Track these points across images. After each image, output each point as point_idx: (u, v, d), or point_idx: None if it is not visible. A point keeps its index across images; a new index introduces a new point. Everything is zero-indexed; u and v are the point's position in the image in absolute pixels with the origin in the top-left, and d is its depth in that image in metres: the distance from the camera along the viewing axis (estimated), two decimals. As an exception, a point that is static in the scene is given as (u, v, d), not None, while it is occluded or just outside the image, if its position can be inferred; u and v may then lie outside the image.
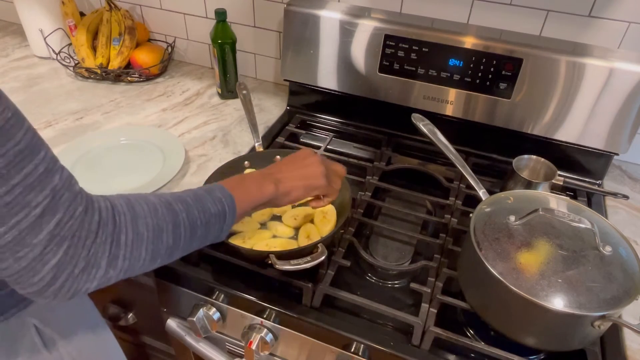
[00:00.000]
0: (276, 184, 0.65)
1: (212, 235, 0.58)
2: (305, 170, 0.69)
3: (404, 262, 0.80)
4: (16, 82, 1.22)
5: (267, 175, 0.66)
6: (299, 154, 0.72)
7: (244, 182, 0.64)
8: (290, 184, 0.66)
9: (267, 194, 0.64)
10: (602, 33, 0.91)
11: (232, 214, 0.59)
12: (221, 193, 0.59)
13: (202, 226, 0.56)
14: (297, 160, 0.70)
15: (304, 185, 0.68)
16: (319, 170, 0.69)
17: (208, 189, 0.59)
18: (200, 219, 0.55)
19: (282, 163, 0.70)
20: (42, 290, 0.43)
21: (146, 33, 1.31)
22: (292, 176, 0.67)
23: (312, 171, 0.69)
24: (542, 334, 0.61)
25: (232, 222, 0.60)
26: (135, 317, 1.01)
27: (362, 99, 1.05)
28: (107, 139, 1.01)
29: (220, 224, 0.58)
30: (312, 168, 0.69)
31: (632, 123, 0.88)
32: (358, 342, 0.67)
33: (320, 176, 0.69)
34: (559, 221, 0.64)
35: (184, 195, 0.56)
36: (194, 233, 0.55)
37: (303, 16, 1.01)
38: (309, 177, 0.69)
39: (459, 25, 0.97)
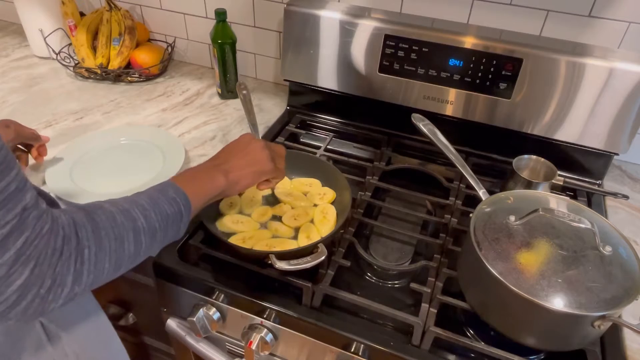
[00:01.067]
0: (225, 175, 0.65)
1: (171, 235, 0.58)
2: (250, 157, 0.69)
3: (404, 262, 0.80)
4: (16, 82, 1.22)
5: (216, 166, 0.66)
6: (240, 140, 0.71)
7: (196, 176, 0.64)
8: (239, 173, 0.67)
9: (218, 186, 0.64)
10: (602, 33, 0.91)
11: (188, 212, 0.59)
12: (175, 192, 0.58)
13: (161, 229, 0.55)
14: (240, 148, 0.70)
15: (252, 172, 0.68)
16: (265, 155, 0.69)
17: (161, 189, 0.58)
18: (158, 222, 0.55)
19: (225, 152, 0.70)
20: (7, 310, 0.42)
21: (146, 33, 1.31)
22: (239, 164, 0.68)
23: (258, 157, 0.69)
24: (542, 334, 0.61)
25: (188, 219, 0.60)
26: (135, 317, 1.01)
27: (362, 99, 1.05)
28: (107, 139, 1.01)
29: (177, 223, 0.58)
30: (257, 153, 0.70)
31: (632, 123, 0.88)
32: (358, 342, 0.67)
33: (266, 160, 0.69)
34: (559, 221, 0.64)
35: (139, 200, 0.55)
36: (154, 237, 0.55)
37: (303, 16, 1.01)
38: (255, 163, 0.69)
39: (459, 25, 0.97)
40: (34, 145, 0.88)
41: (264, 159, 0.69)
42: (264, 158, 0.69)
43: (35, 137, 0.86)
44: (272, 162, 0.70)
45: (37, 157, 0.89)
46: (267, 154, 0.70)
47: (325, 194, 0.85)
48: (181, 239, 0.79)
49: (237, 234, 0.77)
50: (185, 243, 0.80)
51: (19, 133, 0.83)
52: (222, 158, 0.68)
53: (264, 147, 0.70)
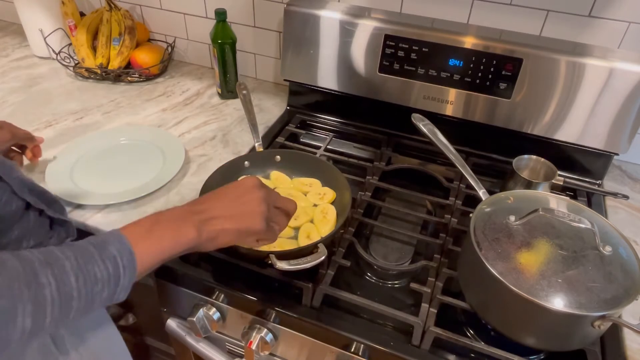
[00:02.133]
0: (199, 228, 0.53)
1: (99, 302, 0.47)
2: (241, 209, 0.57)
3: (404, 262, 0.80)
4: (16, 82, 1.22)
5: (191, 214, 0.54)
6: (242, 184, 0.59)
7: (158, 226, 0.52)
8: (219, 227, 0.55)
9: (185, 242, 0.53)
10: (602, 33, 0.91)
11: (130, 275, 0.48)
12: (117, 249, 0.48)
13: (81, 298, 0.45)
14: (236, 194, 0.58)
15: (236, 229, 0.56)
16: (259, 210, 0.57)
17: (102, 243, 0.48)
18: (78, 290, 0.44)
19: (218, 195, 0.58)
20: None
21: (146, 33, 1.31)
22: (224, 216, 0.56)
23: (250, 211, 0.57)
24: (542, 334, 0.61)
25: (129, 283, 0.49)
26: (135, 317, 1.01)
27: (362, 99, 1.05)
28: (107, 139, 1.01)
29: (111, 288, 0.47)
30: (251, 207, 0.57)
31: (632, 123, 0.88)
32: (358, 342, 0.67)
33: (258, 218, 0.57)
34: (559, 221, 0.64)
35: (64, 256, 0.44)
36: (67, 307, 0.44)
37: (303, 16, 1.01)
38: (244, 218, 0.56)
39: (459, 25, 0.97)
40: (28, 146, 0.88)
41: (255, 215, 0.57)
42: (256, 213, 0.57)
43: (29, 138, 0.86)
44: (265, 222, 0.57)
45: (31, 158, 0.88)
46: (262, 210, 0.57)
47: (325, 194, 0.85)
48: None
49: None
50: (185, 243, 0.80)
51: (13, 134, 0.82)
52: (205, 204, 0.57)
53: (262, 200, 0.58)
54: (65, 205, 0.84)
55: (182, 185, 0.91)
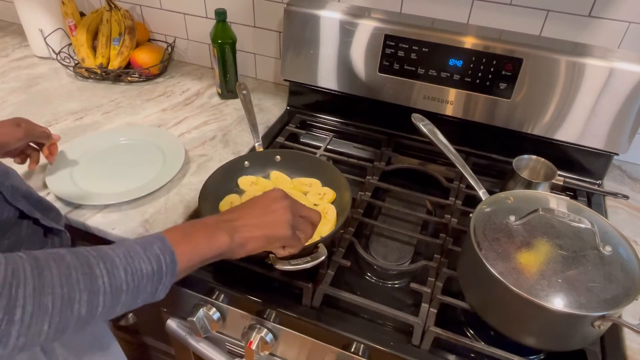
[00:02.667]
0: (231, 234, 0.57)
1: (143, 298, 0.51)
2: (268, 218, 0.61)
3: (404, 262, 0.80)
4: (16, 82, 1.22)
5: (223, 222, 0.59)
6: (269, 195, 0.64)
7: (194, 231, 0.56)
8: (249, 234, 0.59)
9: (218, 247, 0.56)
10: (602, 33, 0.91)
11: (171, 274, 0.52)
12: (160, 248, 0.52)
13: (129, 291, 0.49)
14: (262, 205, 0.62)
15: (264, 235, 0.60)
16: (285, 219, 0.61)
17: (147, 242, 0.52)
18: (127, 283, 0.48)
19: (246, 205, 0.63)
20: None
21: (146, 33, 1.31)
22: (253, 224, 0.60)
23: (277, 219, 0.61)
24: (542, 334, 0.61)
25: (170, 281, 0.53)
26: (135, 317, 1.00)
27: (362, 99, 1.05)
28: (107, 139, 1.01)
29: (154, 285, 0.51)
30: (277, 215, 0.61)
31: (632, 123, 0.88)
32: (358, 342, 0.67)
33: (284, 225, 0.61)
34: (559, 221, 0.64)
35: (113, 253, 0.49)
36: (117, 299, 0.48)
37: (303, 16, 1.01)
38: (271, 225, 0.60)
39: (459, 25, 0.97)
40: (45, 143, 0.87)
41: (282, 223, 0.61)
42: (283, 221, 0.61)
43: (46, 135, 0.85)
44: (291, 229, 0.61)
45: (48, 155, 0.88)
46: (289, 218, 0.61)
47: (325, 194, 0.85)
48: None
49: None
50: (185, 243, 0.80)
51: (30, 132, 0.82)
52: (237, 212, 0.61)
53: (287, 209, 0.62)
54: (65, 205, 0.84)
55: (182, 185, 0.91)
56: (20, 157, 0.85)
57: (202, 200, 0.78)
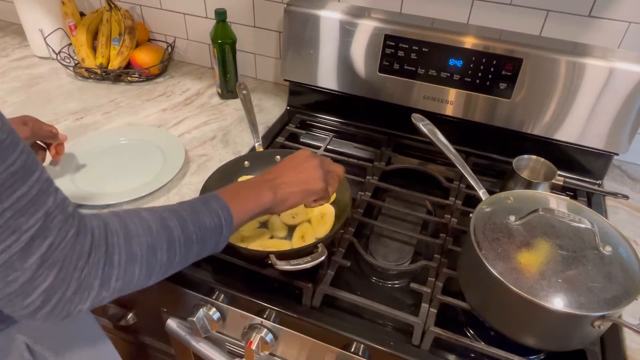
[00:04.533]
0: (274, 191, 0.64)
1: (209, 249, 0.58)
2: (303, 175, 0.67)
3: (404, 262, 0.80)
4: (16, 82, 1.22)
5: (265, 181, 0.65)
6: (298, 155, 0.70)
7: (241, 191, 0.63)
8: (288, 190, 0.65)
9: (264, 203, 0.62)
10: (602, 33, 0.91)
11: (229, 227, 0.58)
12: (218, 205, 0.58)
13: (198, 241, 0.55)
14: (295, 164, 0.68)
15: (302, 190, 0.66)
16: (318, 174, 0.67)
17: (205, 200, 0.58)
18: (196, 234, 0.54)
19: (280, 166, 0.68)
20: (33, 313, 0.43)
21: (146, 33, 1.31)
22: (290, 181, 0.66)
23: (311, 175, 0.67)
24: (542, 334, 0.61)
25: (229, 234, 0.59)
26: (135, 317, 1.00)
27: (362, 99, 1.05)
28: (107, 139, 1.01)
29: (217, 237, 0.57)
30: (311, 172, 0.68)
31: (632, 123, 0.88)
32: (358, 342, 0.67)
33: (318, 180, 0.67)
34: (559, 221, 0.64)
35: (180, 209, 0.55)
36: (189, 248, 0.54)
37: (303, 16, 1.01)
38: (307, 181, 0.67)
39: (459, 25, 0.97)
40: (52, 143, 0.87)
41: (316, 179, 0.67)
42: (317, 178, 0.67)
43: (53, 135, 0.85)
44: (324, 182, 0.68)
45: (54, 155, 0.87)
46: (321, 174, 0.68)
47: (324, 194, 0.85)
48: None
49: (235, 233, 0.77)
50: (185, 243, 0.80)
51: (36, 131, 0.81)
52: (275, 172, 0.67)
53: (319, 165, 0.68)
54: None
55: (182, 185, 0.91)
56: None
57: (202, 200, 0.78)
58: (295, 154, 0.71)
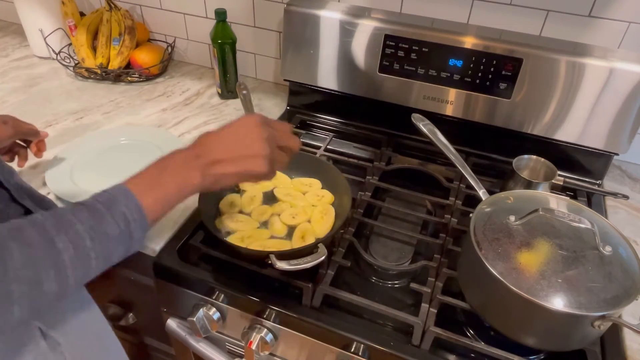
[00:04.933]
0: (203, 173, 0.54)
1: (117, 257, 0.50)
2: (244, 151, 0.55)
3: (404, 262, 0.80)
4: (16, 82, 1.22)
5: (193, 159, 0.55)
6: (243, 124, 0.57)
7: (162, 176, 0.53)
8: (221, 171, 0.55)
9: (189, 190, 0.53)
10: (602, 33, 0.91)
11: (142, 227, 0.50)
12: (126, 206, 0.49)
13: (98, 257, 0.47)
14: (237, 136, 0.56)
15: (238, 172, 0.55)
16: (262, 154, 0.56)
17: (110, 201, 0.49)
18: (94, 250, 0.46)
19: (217, 136, 0.57)
20: None
21: (146, 33, 1.31)
22: (226, 158, 0.55)
23: (254, 153, 0.55)
24: (542, 334, 0.61)
25: (143, 234, 0.51)
26: (135, 317, 1.00)
27: (362, 99, 1.05)
28: (107, 139, 1.01)
29: (125, 244, 0.49)
30: (254, 149, 0.55)
31: (632, 123, 0.88)
32: (358, 342, 0.67)
33: (261, 161, 0.56)
34: (559, 221, 0.64)
35: (75, 220, 0.46)
36: (87, 268, 0.46)
37: (303, 16, 1.01)
38: (247, 162, 0.55)
39: (459, 25, 0.97)
40: (32, 140, 0.87)
41: (259, 159, 0.56)
42: (260, 157, 0.56)
43: (34, 132, 0.85)
44: (269, 164, 0.57)
45: (36, 152, 0.88)
46: (267, 153, 0.56)
47: (323, 196, 0.85)
48: (182, 239, 0.80)
49: (235, 233, 0.77)
50: (185, 243, 0.80)
51: (17, 129, 0.82)
52: (206, 146, 0.56)
53: (265, 142, 0.56)
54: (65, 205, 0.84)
55: (182, 185, 0.91)
56: (9, 154, 0.85)
57: (202, 200, 0.78)
58: (242, 120, 0.58)
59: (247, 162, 0.56)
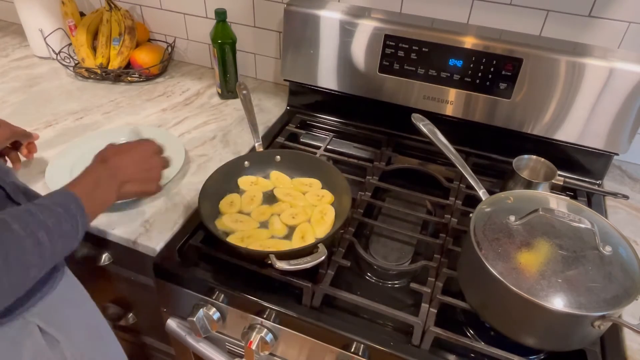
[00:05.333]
0: (117, 191, 0.65)
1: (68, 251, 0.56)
2: (146, 175, 0.69)
3: (404, 262, 0.80)
4: (16, 82, 1.22)
5: (112, 178, 0.65)
6: (144, 149, 0.71)
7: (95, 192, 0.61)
8: (128, 189, 0.67)
9: (107, 205, 0.64)
10: (602, 33, 0.91)
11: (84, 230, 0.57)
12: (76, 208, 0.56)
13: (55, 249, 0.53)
14: (140, 158, 0.69)
15: (137, 192, 0.69)
16: (158, 178, 0.71)
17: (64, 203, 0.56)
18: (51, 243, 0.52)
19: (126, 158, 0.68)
20: None
21: (146, 33, 1.31)
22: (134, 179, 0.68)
23: (152, 177, 0.70)
24: (542, 334, 0.61)
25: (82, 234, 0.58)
26: (135, 317, 1.01)
27: (362, 99, 1.05)
28: (107, 139, 1.00)
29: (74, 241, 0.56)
30: (153, 174, 0.70)
31: (632, 123, 0.88)
32: (358, 342, 0.67)
33: (155, 184, 0.71)
34: (559, 221, 0.64)
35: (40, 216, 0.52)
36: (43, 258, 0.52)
37: (303, 16, 1.01)
38: (147, 183, 0.70)
39: (459, 25, 0.97)
40: (23, 143, 0.89)
41: (155, 182, 0.71)
42: (156, 180, 0.71)
43: (25, 135, 0.88)
44: (159, 185, 0.72)
45: (27, 154, 0.90)
46: (160, 174, 0.72)
47: (323, 196, 0.85)
48: (182, 239, 0.80)
49: (235, 233, 0.77)
50: (185, 243, 0.80)
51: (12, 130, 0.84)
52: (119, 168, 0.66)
53: (160, 168, 0.72)
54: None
55: (182, 185, 0.91)
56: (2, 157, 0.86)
57: (202, 200, 0.78)
58: (141, 145, 0.71)
59: (146, 184, 0.70)
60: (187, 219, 0.84)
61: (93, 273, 0.96)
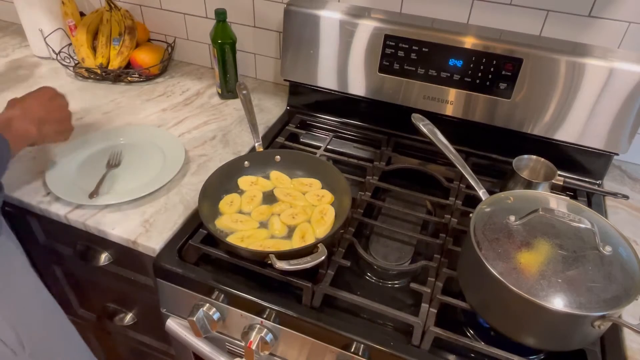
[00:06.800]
0: (37, 127, 0.76)
1: None
2: (58, 115, 0.82)
3: (404, 262, 0.80)
4: (16, 82, 1.22)
5: (25, 115, 0.75)
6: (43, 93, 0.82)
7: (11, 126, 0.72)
8: (49, 129, 0.79)
9: (32, 136, 0.74)
10: (602, 33, 0.91)
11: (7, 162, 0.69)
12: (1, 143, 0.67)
13: None
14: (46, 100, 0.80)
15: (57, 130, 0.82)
16: (69, 116, 0.85)
17: None
18: None
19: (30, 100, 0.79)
20: None
21: (146, 33, 1.31)
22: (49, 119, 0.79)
23: (64, 116, 0.84)
24: (542, 334, 0.61)
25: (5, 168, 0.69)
26: (135, 317, 1.01)
27: (362, 99, 1.05)
28: (107, 139, 1.01)
29: None
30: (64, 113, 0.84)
31: (632, 123, 0.88)
32: (358, 342, 0.67)
33: (70, 122, 0.85)
34: (559, 221, 0.64)
35: None
36: None
37: (303, 16, 1.01)
38: (62, 123, 0.83)
39: (459, 25, 0.97)
40: None
41: (68, 120, 0.84)
42: (69, 119, 0.84)
43: None
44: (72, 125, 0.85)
45: None
46: (69, 113, 0.85)
47: (323, 196, 0.85)
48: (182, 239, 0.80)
49: (235, 233, 0.77)
50: (185, 243, 0.80)
51: None
52: (24, 105, 0.77)
53: (66, 105, 0.84)
54: (65, 205, 0.84)
55: (182, 185, 0.91)
56: None
57: (202, 200, 0.78)
58: (40, 90, 0.82)
59: (62, 124, 0.84)
60: (187, 219, 0.84)
61: (93, 273, 0.97)
